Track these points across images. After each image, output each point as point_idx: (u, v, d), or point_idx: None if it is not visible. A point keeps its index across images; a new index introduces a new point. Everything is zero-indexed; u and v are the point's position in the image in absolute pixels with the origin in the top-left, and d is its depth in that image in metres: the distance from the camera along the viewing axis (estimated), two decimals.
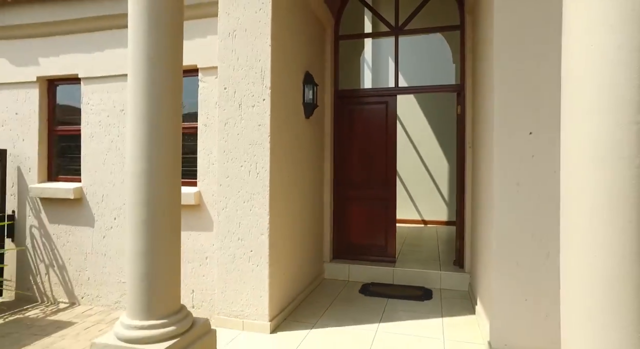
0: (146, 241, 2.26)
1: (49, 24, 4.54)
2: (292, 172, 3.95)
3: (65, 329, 3.70)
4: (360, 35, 5.93)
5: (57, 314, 4.14)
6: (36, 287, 4.62)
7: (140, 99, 2.29)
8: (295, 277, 4.03)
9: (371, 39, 7.64)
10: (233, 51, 3.54)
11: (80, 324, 3.86)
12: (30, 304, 4.47)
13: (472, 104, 4.54)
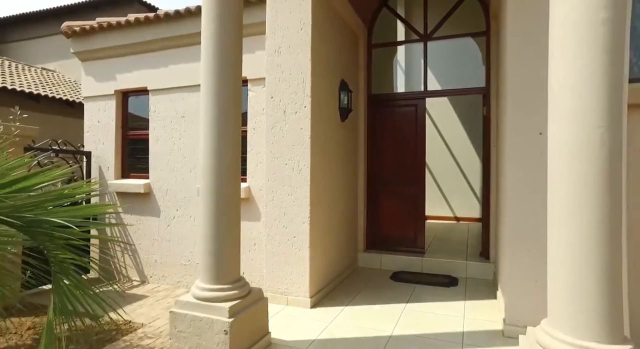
0: (214, 224, 2.87)
1: (124, 46, 5.37)
2: (329, 169, 4.48)
3: (141, 301, 4.46)
4: (391, 43, 6.34)
5: (132, 290, 4.93)
6: (114, 267, 5.47)
7: (211, 107, 2.91)
8: (332, 262, 4.56)
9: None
10: (278, 65, 4.13)
11: (152, 297, 4.60)
12: (111, 279, 5.31)
13: (496, 105, 4.86)
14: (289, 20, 4.08)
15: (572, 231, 1.89)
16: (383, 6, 5.73)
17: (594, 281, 1.85)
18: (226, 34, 2.95)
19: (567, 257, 1.92)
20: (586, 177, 1.85)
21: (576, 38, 1.86)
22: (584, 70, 1.85)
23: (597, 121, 1.84)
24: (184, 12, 4.95)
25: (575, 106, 1.89)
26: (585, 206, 1.86)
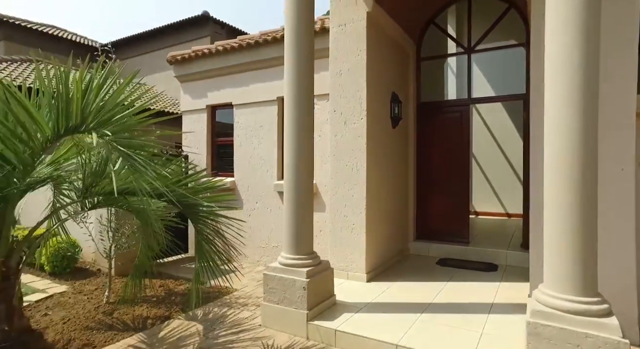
0: (294, 210, 3.88)
1: (213, 70, 6.66)
2: (382, 169, 5.34)
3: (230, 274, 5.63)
4: (438, 56, 6.98)
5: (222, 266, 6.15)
6: None
7: (291, 119, 3.91)
8: (384, 247, 5.42)
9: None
10: (340, 85, 5.07)
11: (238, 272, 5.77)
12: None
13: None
14: (348, 48, 5.01)
15: (556, 211, 2.62)
16: (431, 23, 6.44)
17: (572, 255, 2.56)
18: (302, 61, 3.91)
19: (553, 240, 2.65)
20: (565, 179, 2.58)
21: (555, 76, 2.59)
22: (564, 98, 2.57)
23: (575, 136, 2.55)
24: (261, 41, 6.09)
25: (558, 125, 2.61)
26: (566, 198, 2.58)
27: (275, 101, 6.16)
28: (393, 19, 5.53)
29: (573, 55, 2.54)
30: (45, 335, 3.46)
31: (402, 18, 5.74)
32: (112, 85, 2.76)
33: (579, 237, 2.55)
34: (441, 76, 7.73)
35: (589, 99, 2.55)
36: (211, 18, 14.03)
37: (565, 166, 2.58)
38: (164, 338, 3.70)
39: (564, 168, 2.59)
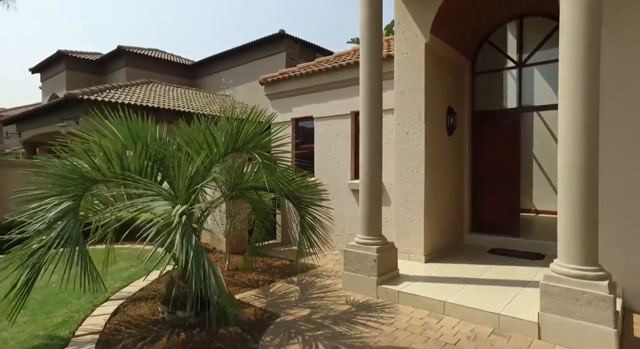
0: (368, 203, 5.14)
1: (297, 89, 8.15)
2: (439, 171, 6.39)
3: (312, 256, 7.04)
4: (491, 70, 7.72)
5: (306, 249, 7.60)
6: (291, 235, 8.31)
7: (366, 129, 5.17)
8: (440, 236, 6.46)
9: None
10: (403, 102, 6.23)
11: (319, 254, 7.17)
12: (287, 244, 8.14)
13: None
14: (409, 72, 6.14)
15: (566, 201, 3.59)
16: (485, 42, 7.30)
17: (577, 233, 3.51)
18: (375, 79, 5.15)
19: (563, 227, 3.61)
20: (571, 167, 3.53)
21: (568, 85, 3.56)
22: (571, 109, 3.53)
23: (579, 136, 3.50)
24: (337, 66, 7.44)
25: (566, 139, 3.57)
26: (572, 179, 3.54)
27: (349, 115, 7.48)
28: (448, 44, 6.54)
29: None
30: None
31: (457, 42, 6.72)
32: (255, 123, 4.20)
33: (581, 225, 3.50)
34: (499, 87, 8.45)
35: (591, 105, 3.49)
36: (286, 35, 15.77)
37: (573, 170, 3.55)
38: (274, 292, 5.18)
39: (570, 172, 3.56)
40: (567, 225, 3.61)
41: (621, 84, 4.48)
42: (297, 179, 4.70)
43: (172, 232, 2.87)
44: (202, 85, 19.13)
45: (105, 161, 3.38)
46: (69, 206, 3.06)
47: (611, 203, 4.48)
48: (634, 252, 4.39)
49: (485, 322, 4.00)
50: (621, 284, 4.33)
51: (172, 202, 3.16)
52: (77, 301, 4.69)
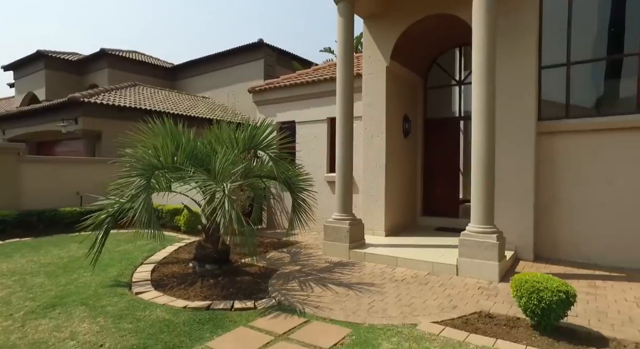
0: (342, 193, 6.81)
1: (282, 98, 9.72)
2: (397, 166, 8.16)
3: (298, 237, 8.63)
4: (439, 86, 9.60)
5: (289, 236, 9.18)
6: (275, 221, 9.86)
7: (341, 128, 6.84)
8: (397, 217, 8.24)
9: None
10: (369, 112, 7.95)
11: (300, 235, 8.76)
12: (272, 228, 9.69)
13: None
14: (374, 88, 7.88)
15: (475, 185, 5.41)
16: (434, 63, 9.18)
17: (482, 205, 5.33)
18: (348, 95, 6.82)
19: (474, 197, 5.43)
20: (478, 161, 5.35)
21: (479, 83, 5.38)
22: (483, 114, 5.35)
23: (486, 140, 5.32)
24: (316, 80, 9.08)
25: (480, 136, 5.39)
26: (479, 170, 5.36)
27: (326, 120, 9.14)
28: (404, 66, 8.34)
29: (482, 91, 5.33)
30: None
31: (411, 64, 8.54)
32: (266, 128, 5.75)
33: (484, 198, 5.33)
34: (447, 99, 10.38)
35: (491, 112, 5.31)
36: (265, 44, 17.23)
37: (479, 163, 5.37)
38: (270, 258, 6.73)
39: (478, 165, 5.38)
40: (476, 200, 5.43)
41: (498, 109, 6.40)
42: (293, 170, 6.27)
43: (220, 200, 4.39)
44: (181, 87, 20.17)
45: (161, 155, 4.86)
46: (144, 183, 4.53)
47: (503, 188, 6.38)
48: (520, 222, 6.30)
49: (424, 268, 5.77)
50: (514, 242, 6.24)
51: (213, 181, 4.69)
52: (119, 264, 6.06)
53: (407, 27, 7.48)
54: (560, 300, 3.36)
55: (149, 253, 6.83)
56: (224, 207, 4.32)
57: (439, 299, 4.55)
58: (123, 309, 4.25)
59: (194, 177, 4.86)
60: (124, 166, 4.95)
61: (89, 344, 3.43)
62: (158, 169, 4.85)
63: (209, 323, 3.89)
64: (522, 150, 6.36)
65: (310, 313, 4.11)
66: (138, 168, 4.69)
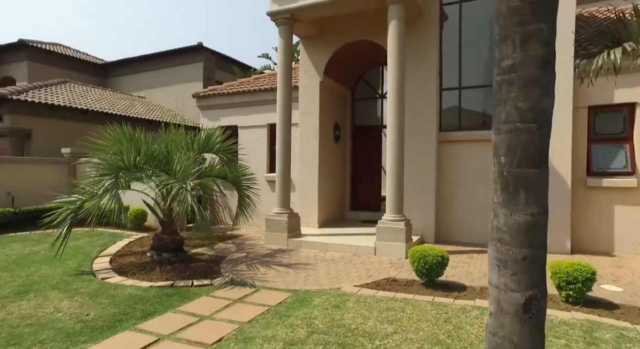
0: (282, 189, 7.91)
1: (225, 104, 10.54)
2: (328, 168, 9.44)
3: (241, 231, 9.53)
4: (365, 98, 11.11)
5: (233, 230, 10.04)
6: (217, 218, 10.63)
7: (280, 136, 7.94)
8: (329, 212, 9.54)
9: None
10: (304, 120, 9.13)
11: (242, 228, 9.68)
12: (216, 225, 10.46)
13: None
14: (309, 99, 9.08)
15: (389, 184, 6.83)
16: (360, 79, 10.65)
17: (393, 199, 6.77)
18: (287, 105, 7.91)
19: (388, 194, 6.86)
20: (392, 163, 6.79)
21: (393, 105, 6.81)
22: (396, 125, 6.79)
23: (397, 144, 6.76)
24: (257, 89, 10.06)
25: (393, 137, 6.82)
26: (392, 172, 6.79)
27: (266, 126, 10.16)
28: (336, 81, 9.66)
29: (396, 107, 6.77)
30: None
31: (341, 79, 9.90)
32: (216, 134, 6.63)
33: (396, 193, 6.77)
34: (373, 109, 11.94)
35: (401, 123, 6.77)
36: (204, 47, 17.66)
37: (392, 165, 6.81)
38: (217, 248, 7.60)
39: (391, 166, 6.82)
40: (390, 196, 6.85)
41: (409, 122, 8.01)
42: (241, 171, 7.22)
43: (183, 196, 5.24)
44: (113, 85, 19.66)
45: (125, 158, 5.56)
46: (113, 181, 5.22)
47: (413, 185, 7.97)
48: (425, 213, 7.91)
49: (349, 251, 7.08)
50: (421, 229, 7.83)
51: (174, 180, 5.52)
52: (75, 257, 6.54)
53: (338, 49, 8.80)
54: (438, 262, 4.81)
55: (101, 247, 7.32)
56: (187, 201, 5.19)
57: (359, 271, 5.86)
58: (95, 290, 4.93)
59: (158, 176, 5.63)
60: (89, 167, 5.57)
61: (75, 314, 4.14)
62: (122, 170, 5.54)
63: (175, 296, 4.76)
64: (427, 155, 7.98)
65: (259, 285, 5.16)
66: (106, 169, 5.35)
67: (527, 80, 2.08)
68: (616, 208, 6.88)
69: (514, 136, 2.12)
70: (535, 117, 2.10)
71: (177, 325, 3.85)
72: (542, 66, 2.09)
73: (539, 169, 2.13)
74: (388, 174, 6.92)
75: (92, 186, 5.45)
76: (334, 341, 3.39)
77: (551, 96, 2.13)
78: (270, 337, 3.50)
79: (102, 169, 5.42)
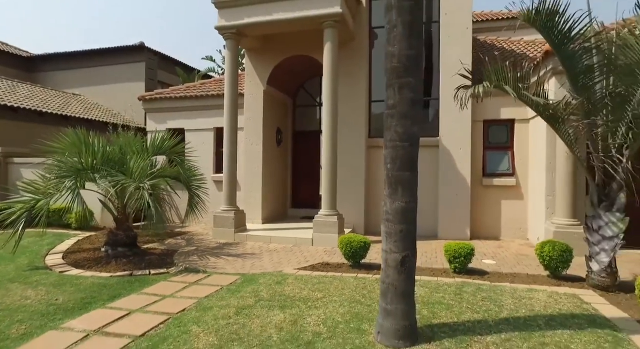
0: (228, 189, 8.68)
1: (171, 107, 11.00)
2: (271, 169, 10.33)
3: (188, 228, 10.08)
4: (305, 105, 12.17)
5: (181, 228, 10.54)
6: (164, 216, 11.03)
7: (227, 139, 8.70)
8: (272, 209, 10.44)
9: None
10: (249, 124, 9.95)
11: (190, 226, 10.24)
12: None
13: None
14: (253, 106, 9.92)
15: (324, 183, 7.92)
16: (300, 87, 11.68)
17: (328, 197, 7.87)
18: (233, 112, 8.68)
19: (323, 192, 7.93)
20: (326, 167, 7.88)
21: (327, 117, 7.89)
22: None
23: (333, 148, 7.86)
24: (204, 95, 10.67)
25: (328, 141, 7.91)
26: (326, 172, 7.88)
27: (212, 129, 10.80)
28: (278, 90, 10.59)
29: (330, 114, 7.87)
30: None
31: (283, 88, 10.85)
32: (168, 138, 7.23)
33: (330, 191, 7.88)
34: (311, 115, 13.02)
35: (334, 130, 7.89)
36: (146, 47, 17.59)
37: (327, 167, 7.90)
38: (168, 243, 8.17)
39: (326, 168, 7.91)
40: (325, 194, 7.93)
41: (344, 128, 9.23)
42: (192, 171, 7.86)
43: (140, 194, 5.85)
44: (40, 81, 18.61)
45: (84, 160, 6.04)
46: (71, 181, 5.69)
47: (346, 184, 9.17)
48: (356, 208, 9.14)
49: (290, 243, 8.06)
50: (353, 222, 9.03)
51: (131, 179, 6.09)
52: (24, 256, 6.78)
53: (280, 62, 9.74)
54: (361, 246, 5.97)
55: (49, 246, 7.56)
56: (145, 199, 5.82)
57: (298, 258, 6.86)
58: (57, 280, 5.40)
59: (114, 177, 6.16)
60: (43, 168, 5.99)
61: (44, 300, 4.65)
62: (81, 172, 6.00)
63: (136, 282, 5.40)
64: (358, 158, 9.21)
65: (210, 271, 5.95)
66: (66, 170, 5.80)
67: (402, 114, 3.21)
68: (502, 202, 8.61)
69: (395, 150, 3.24)
70: (408, 138, 3.23)
71: (143, 302, 4.55)
72: (411, 105, 3.23)
73: (411, 172, 3.27)
74: (323, 175, 8.00)
75: (47, 186, 5.84)
76: (277, 305, 4.34)
77: (417, 124, 3.28)
78: (224, 305, 4.36)
79: (62, 171, 5.84)
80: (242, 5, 8.27)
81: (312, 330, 3.62)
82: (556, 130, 5.08)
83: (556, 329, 3.65)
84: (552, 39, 4.70)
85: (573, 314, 4.03)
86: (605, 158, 4.73)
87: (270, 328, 3.71)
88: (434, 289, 4.81)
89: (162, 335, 3.63)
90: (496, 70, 4.91)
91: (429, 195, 8.86)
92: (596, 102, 4.76)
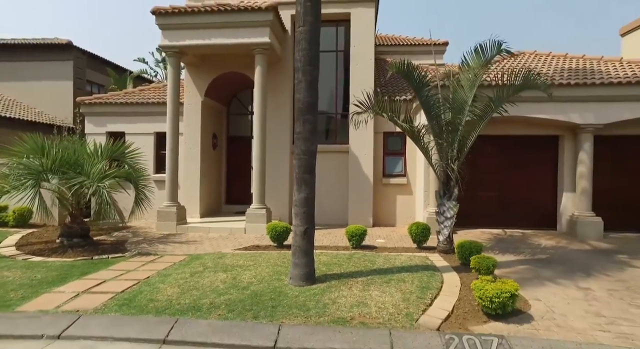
0: (171, 187, 9.94)
1: (111, 112, 11.84)
2: (208, 169, 11.70)
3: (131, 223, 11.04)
4: (238, 114, 13.67)
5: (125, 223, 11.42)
6: None
7: (169, 144, 9.96)
8: (209, 205, 11.81)
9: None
10: (188, 131, 11.22)
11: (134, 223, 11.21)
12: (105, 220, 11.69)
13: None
14: (192, 114, 11.22)
15: (254, 182, 9.58)
16: (234, 97, 13.15)
17: (258, 193, 9.54)
18: (175, 120, 9.95)
19: (254, 189, 9.60)
20: (257, 168, 9.55)
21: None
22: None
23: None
24: (145, 102, 11.69)
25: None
26: (257, 172, 9.56)
27: (152, 134, 11.85)
28: (214, 100, 11.98)
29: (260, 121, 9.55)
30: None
31: (219, 98, 12.26)
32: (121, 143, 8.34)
33: (259, 188, 9.56)
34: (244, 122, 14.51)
35: (264, 138, 9.57)
36: (74, 46, 17.60)
37: (257, 168, 9.58)
38: (116, 236, 9.22)
39: (256, 168, 9.59)
40: (255, 190, 9.60)
41: (273, 135, 11.00)
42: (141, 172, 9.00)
43: (99, 193, 7.01)
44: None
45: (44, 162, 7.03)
46: (33, 182, 6.70)
47: (274, 184, 10.92)
48: (282, 203, 10.93)
49: (226, 232, 9.59)
50: (279, 215, 10.80)
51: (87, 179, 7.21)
52: None
53: (216, 77, 11.17)
54: (284, 230, 7.77)
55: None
56: (103, 197, 7.01)
57: (234, 243, 8.45)
58: (26, 265, 6.41)
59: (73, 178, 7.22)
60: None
61: (25, 277, 5.74)
62: (41, 173, 6.99)
63: (99, 264, 6.61)
64: (283, 161, 10.99)
65: (161, 253, 7.33)
66: (27, 172, 6.78)
67: (305, 138, 5.05)
68: (397, 197, 11.01)
69: (300, 160, 5.08)
70: (308, 153, 5.09)
71: (113, 275, 5.88)
72: (311, 132, 5.09)
73: (310, 174, 5.14)
74: (254, 175, 9.66)
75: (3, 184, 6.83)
76: (220, 270, 5.97)
77: (315, 144, 5.15)
78: (180, 272, 5.87)
79: (23, 172, 6.80)
80: (184, 28, 9.59)
81: (247, 280, 5.35)
82: (417, 144, 7.35)
83: (402, 272, 5.80)
84: (413, 84, 6.92)
85: (417, 265, 6.25)
86: (446, 165, 7.07)
87: (217, 282, 5.36)
88: (333, 256, 6.80)
89: (137, 290, 5.08)
90: (378, 102, 7.02)
91: (341, 191, 10.98)
92: (441, 128, 7.09)
